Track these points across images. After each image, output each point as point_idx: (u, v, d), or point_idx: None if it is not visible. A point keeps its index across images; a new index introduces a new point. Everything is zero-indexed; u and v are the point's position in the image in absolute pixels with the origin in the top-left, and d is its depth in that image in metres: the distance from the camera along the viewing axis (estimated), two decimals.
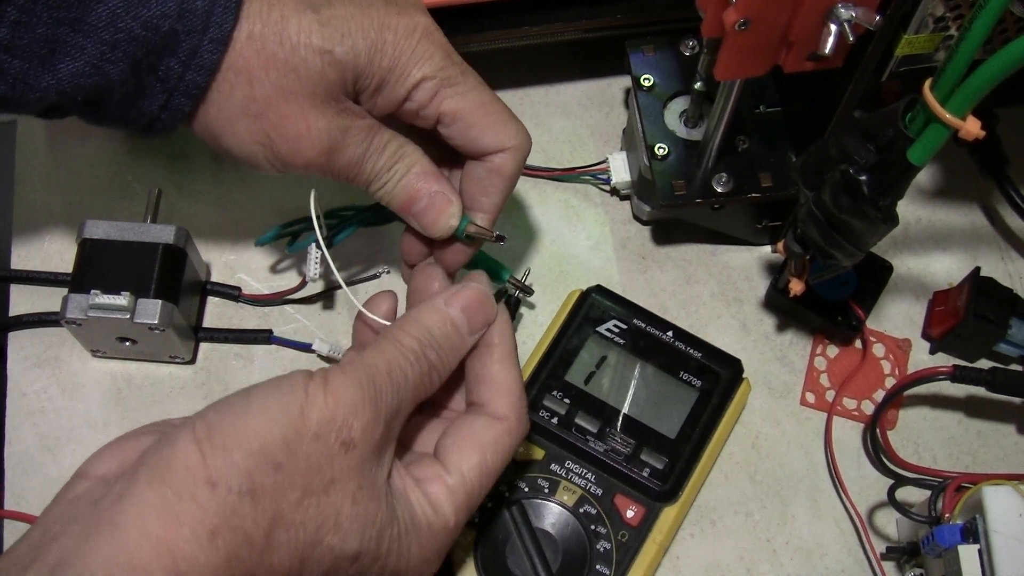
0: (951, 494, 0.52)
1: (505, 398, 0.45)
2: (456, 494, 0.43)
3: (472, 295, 0.46)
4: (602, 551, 0.53)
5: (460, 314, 0.45)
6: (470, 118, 0.48)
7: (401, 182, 0.48)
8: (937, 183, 0.67)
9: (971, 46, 0.39)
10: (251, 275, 0.62)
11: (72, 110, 0.46)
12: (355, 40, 0.45)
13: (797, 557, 0.57)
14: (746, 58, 0.47)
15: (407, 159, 0.48)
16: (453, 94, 0.47)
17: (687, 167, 0.58)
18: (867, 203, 0.46)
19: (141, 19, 0.43)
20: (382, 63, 0.45)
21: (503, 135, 0.48)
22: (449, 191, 0.48)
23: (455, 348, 0.45)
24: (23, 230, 0.62)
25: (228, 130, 0.46)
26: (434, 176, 0.48)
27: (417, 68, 0.46)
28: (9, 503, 0.56)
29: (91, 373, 0.59)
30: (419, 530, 0.42)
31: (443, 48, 0.47)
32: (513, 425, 0.45)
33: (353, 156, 0.47)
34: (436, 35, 0.47)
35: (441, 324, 0.45)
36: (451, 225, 0.49)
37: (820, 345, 0.62)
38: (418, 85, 0.46)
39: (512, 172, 0.49)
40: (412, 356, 0.43)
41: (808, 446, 0.60)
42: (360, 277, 0.62)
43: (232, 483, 0.37)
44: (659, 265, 0.64)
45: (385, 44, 0.45)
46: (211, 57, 0.44)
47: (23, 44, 0.42)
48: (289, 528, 0.38)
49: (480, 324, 0.46)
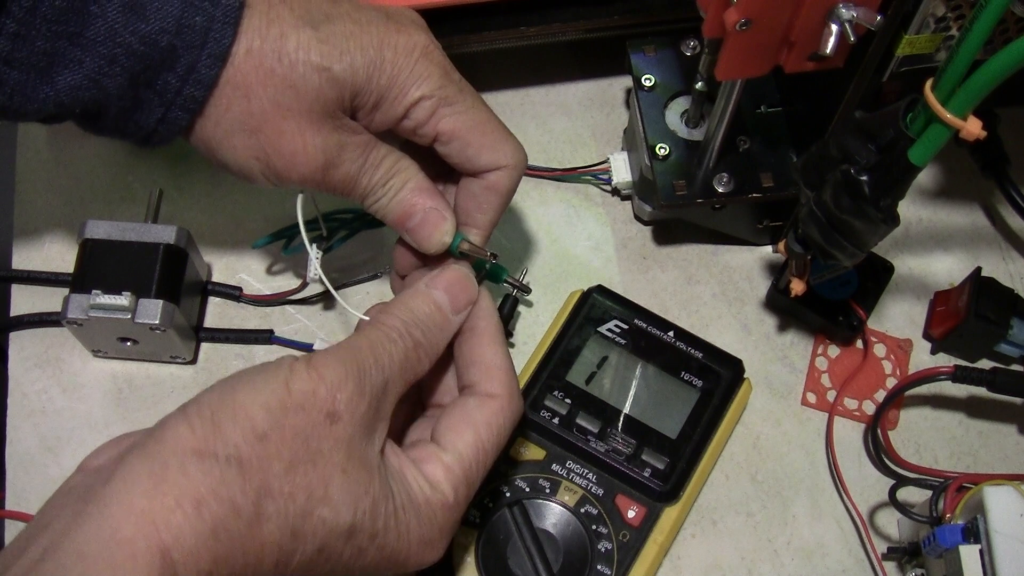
0: (952, 494, 0.52)
1: (495, 377, 0.46)
2: (453, 471, 0.43)
3: (452, 275, 0.47)
4: (603, 551, 0.53)
5: (442, 294, 0.46)
6: (467, 137, 0.48)
7: (396, 197, 0.48)
8: (938, 183, 0.67)
9: (972, 46, 0.39)
10: (252, 275, 0.62)
11: (71, 120, 0.46)
12: (353, 58, 0.45)
13: (798, 557, 0.57)
14: (747, 58, 0.47)
15: (402, 175, 0.48)
16: (451, 113, 0.47)
17: (688, 167, 0.58)
18: (868, 203, 0.46)
19: (139, 34, 0.43)
20: (380, 81, 0.46)
21: (500, 154, 0.48)
22: (443, 208, 0.49)
23: (439, 327, 0.45)
24: (24, 230, 0.63)
25: (225, 144, 0.46)
26: (429, 192, 0.48)
27: (415, 87, 0.46)
28: (10, 503, 0.56)
29: (92, 373, 0.59)
30: (417, 507, 0.42)
31: (441, 67, 0.47)
32: (505, 402, 0.46)
33: (349, 172, 0.47)
34: (435, 54, 0.47)
35: (424, 305, 0.45)
36: (444, 242, 0.49)
37: (821, 345, 0.62)
38: (416, 104, 0.46)
39: (507, 189, 0.50)
40: (395, 335, 0.43)
41: (809, 446, 0.60)
42: (360, 277, 0.62)
43: (218, 453, 0.37)
44: (660, 265, 0.64)
45: (384, 62, 0.45)
46: (209, 72, 0.44)
47: (21, 56, 0.42)
48: (277, 498, 0.38)
49: (463, 303, 0.47)
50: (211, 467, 0.37)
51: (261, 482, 0.38)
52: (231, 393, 0.39)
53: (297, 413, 0.39)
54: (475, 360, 0.47)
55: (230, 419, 0.38)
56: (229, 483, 0.37)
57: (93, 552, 0.35)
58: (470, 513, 0.54)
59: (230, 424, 0.38)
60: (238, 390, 0.39)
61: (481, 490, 0.54)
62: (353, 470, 0.40)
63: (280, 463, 0.38)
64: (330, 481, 0.39)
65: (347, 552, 0.40)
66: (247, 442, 0.38)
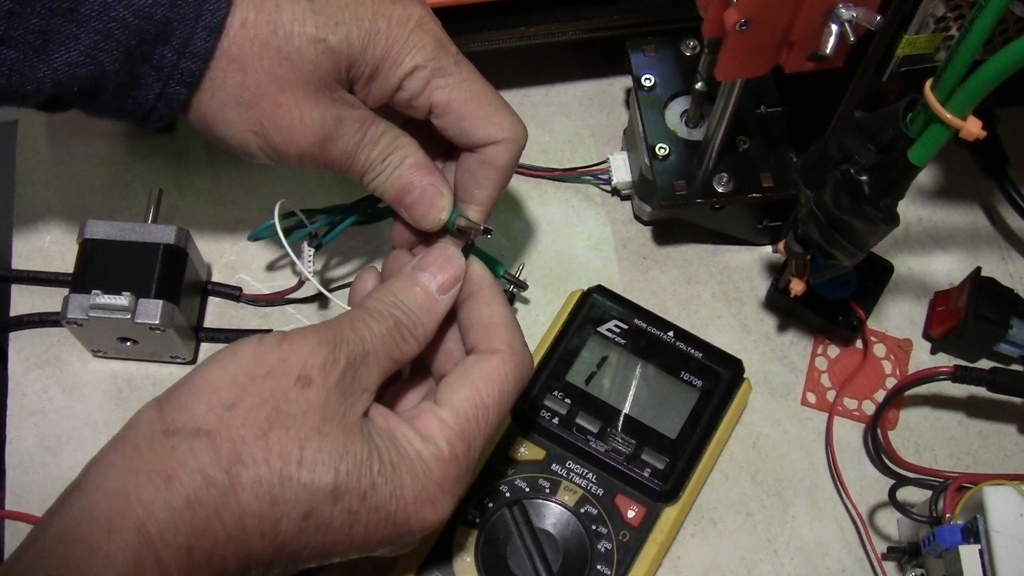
0: (952, 494, 0.52)
1: (494, 333, 0.45)
2: (447, 425, 0.42)
3: (436, 254, 0.46)
4: (603, 551, 0.53)
5: (427, 275, 0.46)
6: (462, 109, 0.47)
7: (395, 174, 0.48)
8: (938, 183, 0.67)
9: (972, 46, 0.39)
10: (252, 275, 0.62)
11: (70, 101, 0.46)
12: (349, 29, 0.45)
13: (798, 557, 0.57)
14: (747, 58, 0.47)
15: (401, 151, 0.48)
16: (445, 84, 0.47)
17: (688, 167, 0.58)
18: (868, 203, 0.46)
19: (133, 7, 0.43)
20: (375, 52, 0.45)
21: (496, 127, 0.48)
22: (441, 184, 0.48)
23: (425, 307, 0.45)
24: (24, 230, 0.63)
25: (221, 118, 0.46)
26: (427, 168, 0.48)
27: (409, 57, 0.46)
28: (10, 503, 0.56)
29: (92, 373, 0.59)
30: (409, 462, 0.41)
31: (436, 38, 0.47)
32: (506, 356, 0.45)
33: (347, 147, 0.47)
34: (430, 25, 0.47)
35: (408, 286, 0.45)
36: (441, 218, 0.49)
37: (821, 345, 0.62)
38: (410, 74, 0.46)
39: (505, 164, 0.49)
40: (376, 313, 0.43)
41: (809, 446, 0.60)
42: None
43: (186, 427, 0.38)
44: (660, 265, 0.64)
45: (379, 33, 0.45)
46: (204, 44, 0.44)
47: (17, 35, 0.42)
48: (250, 465, 0.38)
49: (449, 282, 0.46)
50: (179, 442, 0.37)
51: (232, 451, 0.38)
52: (198, 372, 0.40)
53: (265, 380, 0.39)
54: (474, 322, 0.46)
55: (196, 395, 0.39)
56: (198, 455, 0.37)
57: (71, 533, 0.36)
58: (470, 513, 0.54)
59: (195, 400, 0.38)
60: (206, 367, 0.40)
61: (481, 490, 0.54)
62: (331, 431, 0.39)
63: (250, 430, 0.38)
64: (306, 444, 0.39)
65: (338, 516, 0.39)
66: (214, 413, 0.38)
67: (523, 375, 0.45)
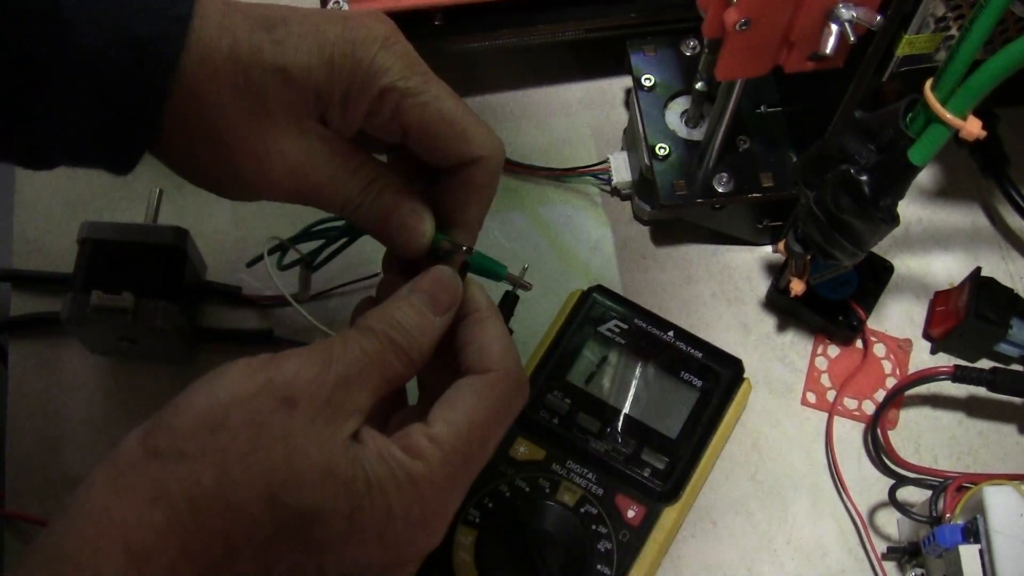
0: (952, 494, 0.52)
1: (486, 354, 0.44)
2: (437, 442, 0.41)
3: (432, 277, 0.45)
4: (603, 551, 0.53)
5: (422, 297, 0.45)
6: (434, 129, 0.46)
7: (374, 203, 0.47)
8: (938, 183, 0.67)
9: (972, 46, 0.39)
10: (251, 275, 0.62)
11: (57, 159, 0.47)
12: (310, 57, 0.43)
13: (798, 557, 0.57)
14: (747, 58, 0.47)
15: (379, 180, 0.46)
16: (415, 104, 0.45)
17: (688, 167, 0.58)
18: (868, 203, 0.46)
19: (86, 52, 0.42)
20: (341, 78, 0.44)
21: (471, 146, 0.46)
22: (421, 209, 0.47)
23: (420, 329, 0.44)
24: (24, 230, 0.62)
25: (189, 157, 0.45)
26: (405, 195, 0.47)
27: (376, 80, 0.44)
28: (10, 503, 0.56)
29: (92, 373, 0.59)
30: (396, 481, 0.40)
31: (403, 58, 0.45)
32: (500, 376, 0.44)
33: (320, 179, 0.45)
34: (396, 46, 0.45)
35: (403, 309, 0.44)
36: (423, 243, 0.47)
37: (821, 345, 0.62)
38: (379, 97, 0.45)
39: (484, 184, 0.47)
40: (370, 332, 0.43)
41: (809, 446, 0.60)
42: (360, 277, 0.61)
43: (172, 450, 0.38)
44: (660, 265, 0.64)
45: (344, 58, 0.44)
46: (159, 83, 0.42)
47: None
48: (234, 487, 0.38)
49: (445, 303, 0.45)
50: (164, 464, 0.37)
51: (217, 474, 0.38)
52: (184, 395, 0.39)
53: (250, 402, 0.39)
54: (468, 342, 0.45)
55: (181, 418, 0.38)
56: (183, 478, 0.37)
57: (60, 552, 0.36)
58: (470, 513, 0.54)
59: (180, 422, 0.38)
60: (192, 390, 0.39)
61: (481, 490, 0.54)
62: (315, 453, 0.39)
63: (234, 452, 0.38)
64: (290, 466, 0.39)
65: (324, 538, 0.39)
66: (198, 436, 0.38)
67: (518, 396, 0.45)
